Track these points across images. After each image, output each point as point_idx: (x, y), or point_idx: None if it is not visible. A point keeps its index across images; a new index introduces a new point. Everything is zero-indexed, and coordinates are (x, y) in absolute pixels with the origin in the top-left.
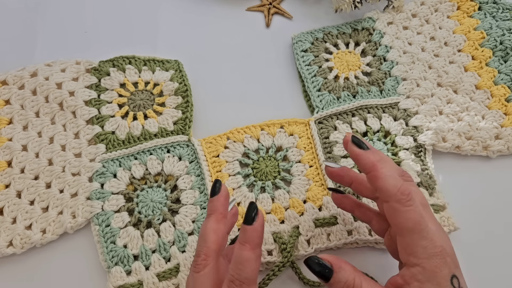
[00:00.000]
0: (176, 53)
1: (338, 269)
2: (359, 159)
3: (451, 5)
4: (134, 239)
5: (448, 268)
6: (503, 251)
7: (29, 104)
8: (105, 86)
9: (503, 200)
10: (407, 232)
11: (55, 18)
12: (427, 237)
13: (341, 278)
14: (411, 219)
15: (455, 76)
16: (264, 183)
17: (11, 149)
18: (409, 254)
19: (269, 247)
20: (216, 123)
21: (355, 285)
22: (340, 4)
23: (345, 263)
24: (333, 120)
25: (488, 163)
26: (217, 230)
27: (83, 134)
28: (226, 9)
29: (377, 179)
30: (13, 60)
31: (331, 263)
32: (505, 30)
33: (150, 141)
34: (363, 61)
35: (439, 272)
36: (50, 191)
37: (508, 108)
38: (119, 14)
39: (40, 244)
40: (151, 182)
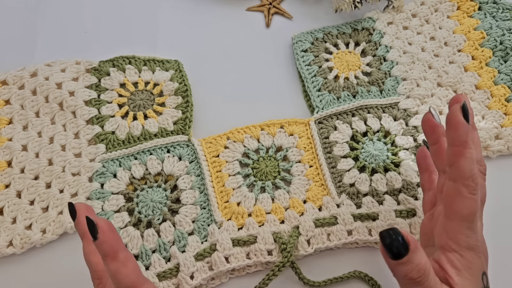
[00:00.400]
0: (176, 53)
1: (415, 249)
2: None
3: (451, 5)
4: (134, 239)
5: (481, 264)
6: (503, 251)
7: (29, 104)
8: (105, 86)
9: (503, 200)
10: (458, 217)
11: (55, 18)
12: (474, 229)
13: (415, 260)
14: (468, 207)
15: (455, 76)
16: (264, 183)
17: (11, 149)
18: (450, 238)
19: (269, 247)
20: (216, 123)
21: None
22: (340, 4)
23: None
24: (333, 120)
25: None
26: (93, 251)
27: (83, 134)
28: (226, 9)
29: (461, 156)
30: (13, 60)
31: (409, 241)
32: (505, 30)
33: (150, 141)
34: (363, 61)
35: (475, 265)
36: (50, 191)
37: (508, 108)
38: (119, 14)
39: (40, 244)
40: (151, 182)
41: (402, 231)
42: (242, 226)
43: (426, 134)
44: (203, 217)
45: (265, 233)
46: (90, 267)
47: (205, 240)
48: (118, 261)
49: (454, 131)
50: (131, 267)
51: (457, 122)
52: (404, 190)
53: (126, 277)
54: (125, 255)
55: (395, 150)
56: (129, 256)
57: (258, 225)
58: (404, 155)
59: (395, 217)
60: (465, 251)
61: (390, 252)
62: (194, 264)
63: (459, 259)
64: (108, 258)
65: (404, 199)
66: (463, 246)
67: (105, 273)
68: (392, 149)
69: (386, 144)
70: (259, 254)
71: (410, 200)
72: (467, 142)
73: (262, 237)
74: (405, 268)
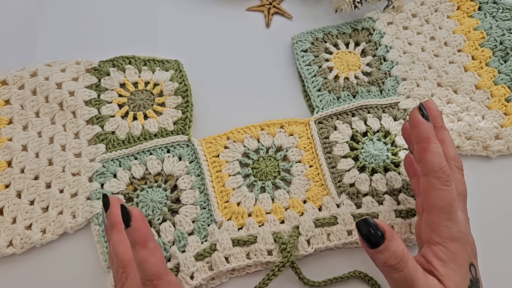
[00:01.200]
0: (176, 53)
1: (391, 237)
2: (418, 126)
3: (451, 5)
4: None
5: (468, 255)
6: (503, 251)
7: (29, 104)
8: (105, 86)
9: (503, 200)
10: (436, 210)
11: (55, 18)
12: (454, 220)
13: (391, 247)
14: (444, 198)
15: (455, 76)
16: (264, 183)
17: (11, 149)
18: (433, 231)
19: (269, 247)
20: (216, 123)
21: (403, 257)
22: (340, 4)
23: (396, 233)
24: (333, 120)
25: (488, 163)
26: (122, 240)
27: (83, 134)
28: (226, 9)
29: (426, 151)
30: (13, 60)
31: (384, 230)
32: (505, 30)
33: (150, 141)
34: (363, 61)
35: (460, 256)
36: (50, 191)
37: (508, 108)
38: (119, 14)
39: (40, 244)
40: (151, 182)
41: (377, 221)
42: (242, 226)
43: (406, 141)
44: (203, 217)
45: (265, 233)
46: (116, 256)
47: (205, 240)
48: (148, 249)
49: (416, 130)
50: (159, 257)
51: (416, 121)
52: (404, 190)
53: (153, 266)
54: (154, 245)
55: (395, 150)
56: (157, 246)
57: (258, 225)
58: (404, 155)
59: (395, 217)
60: (448, 243)
61: (367, 241)
62: (194, 264)
63: (443, 251)
64: (139, 246)
65: (404, 199)
66: (446, 237)
67: (130, 262)
68: (392, 149)
69: (386, 144)
70: (259, 254)
71: (410, 200)
72: (429, 138)
73: (262, 237)
74: (383, 255)
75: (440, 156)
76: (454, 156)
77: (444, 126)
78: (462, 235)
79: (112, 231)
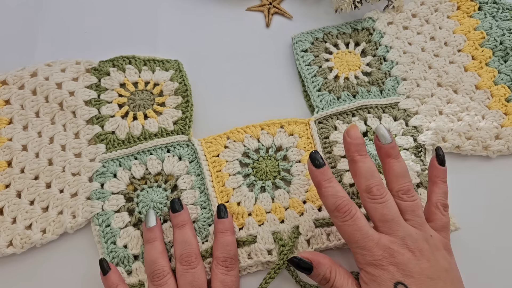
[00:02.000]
0: (176, 53)
1: (317, 265)
2: (310, 176)
3: (451, 5)
4: (134, 239)
5: (390, 275)
6: (503, 250)
7: (29, 104)
8: (105, 86)
9: (503, 200)
10: (347, 242)
11: (55, 18)
12: (365, 248)
13: (320, 272)
14: (345, 232)
15: (455, 76)
16: (264, 183)
17: (11, 149)
18: (355, 259)
19: (269, 246)
20: (216, 123)
21: (330, 277)
22: (340, 4)
23: (323, 257)
24: (333, 120)
25: (488, 163)
26: (195, 235)
27: (83, 134)
28: (226, 9)
29: (321, 196)
30: (13, 60)
31: (310, 260)
32: (505, 30)
33: (150, 141)
34: (363, 61)
35: (379, 277)
36: (50, 191)
37: (508, 108)
38: (119, 14)
39: (40, 244)
40: (151, 182)
41: (303, 255)
42: (242, 226)
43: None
44: (203, 217)
45: (265, 233)
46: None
47: (206, 240)
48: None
49: (311, 177)
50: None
51: (309, 170)
52: None
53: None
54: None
55: None
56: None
57: (258, 224)
58: (404, 155)
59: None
60: (366, 267)
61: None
62: None
63: (365, 274)
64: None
65: None
66: (363, 263)
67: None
68: None
69: None
70: (259, 253)
71: None
72: (320, 183)
73: (261, 237)
74: (317, 279)
75: (333, 197)
76: (365, 188)
77: (355, 158)
78: (378, 258)
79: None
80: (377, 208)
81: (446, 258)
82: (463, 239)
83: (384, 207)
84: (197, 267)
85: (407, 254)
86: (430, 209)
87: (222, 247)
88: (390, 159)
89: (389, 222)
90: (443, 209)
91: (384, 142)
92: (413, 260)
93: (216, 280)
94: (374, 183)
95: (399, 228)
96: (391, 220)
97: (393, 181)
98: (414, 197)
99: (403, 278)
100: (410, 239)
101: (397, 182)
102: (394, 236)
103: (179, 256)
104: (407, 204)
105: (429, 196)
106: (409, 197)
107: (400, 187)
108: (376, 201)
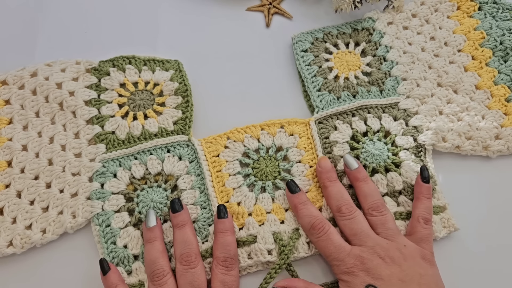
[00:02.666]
0: (176, 53)
1: None
2: (288, 201)
3: (451, 5)
4: (134, 239)
5: (360, 279)
6: (503, 250)
7: (29, 104)
8: (105, 86)
9: (503, 200)
10: (324, 256)
11: (55, 18)
12: (338, 258)
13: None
14: (321, 247)
15: (455, 76)
16: (265, 183)
17: (11, 149)
18: (332, 271)
19: (269, 246)
20: (216, 123)
21: None
22: (340, 4)
23: (297, 282)
24: (333, 120)
25: (488, 163)
26: (195, 235)
27: (83, 134)
28: (226, 9)
29: (297, 217)
30: (13, 60)
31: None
32: (505, 30)
33: (150, 141)
34: (363, 61)
35: (351, 282)
36: (50, 191)
37: (508, 108)
38: (119, 14)
39: (40, 244)
40: (151, 182)
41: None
42: (242, 226)
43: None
44: (203, 217)
45: (265, 233)
46: (191, 245)
47: (206, 240)
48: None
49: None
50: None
51: (287, 196)
52: (405, 192)
53: (236, 249)
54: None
55: (396, 150)
56: None
57: (258, 224)
58: (404, 155)
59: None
60: (341, 276)
61: None
62: None
63: (341, 283)
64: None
65: (404, 201)
66: (338, 273)
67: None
68: (392, 149)
69: (386, 144)
70: (259, 253)
71: (410, 202)
72: (296, 206)
73: (262, 237)
74: None
75: (308, 217)
76: (336, 208)
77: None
78: (350, 266)
79: (185, 226)
80: (347, 224)
81: (422, 266)
82: (463, 239)
83: (352, 222)
84: (197, 267)
85: (376, 260)
86: (412, 223)
87: (222, 247)
88: (359, 182)
89: (358, 235)
90: (423, 223)
91: (351, 168)
92: (382, 265)
93: (216, 280)
94: (343, 203)
95: (369, 239)
96: (360, 232)
97: (363, 201)
98: (383, 212)
99: (373, 281)
100: (380, 248)
101: (367, 201)
102: (365, 246)
103: (179, 256)
104: (377, 219)
105: (413, 211)
106: (378, 212)
107: (370, 205)
108: (346, 218)
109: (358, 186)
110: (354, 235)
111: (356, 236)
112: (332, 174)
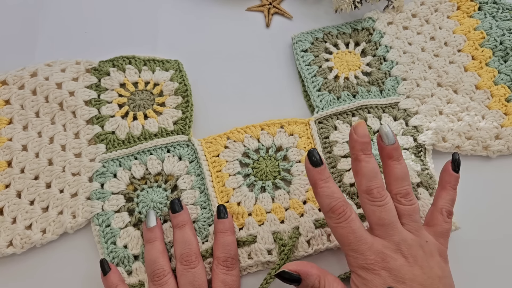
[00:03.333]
0: (176, 53)
1: (306, 276)
2: (307, 174)
3: (451, 5)
4: (134, 239)
5: (382, 280)
6: (503, 250)
7: (29, 104)
8: (105, 86)
9: (504, 200)
10: (340, 244)
11: (55, 18)
12: (358, 251)
13: (309, 283)
14: (339, 234)
15: (455, 76)
16: (264, 183)
17: (11, 149)
18: (347, 261)
19: (269, 246)
20: (216, 123)
21: (319, 287)
22: (340, 4)
23: (311, 267)
24: (333, 120)
25: (488, 163)
26: (195, 235)
27: (83, 134)
28: (226, 9)
29: (316, 195)
30: (13, 60)
31: (298, 272)
32: (505, 30)
33: (150, 141)
34: (363, 61)
35: (370, 281)
36: (50, 191)
37: (508, 108)
38: (119, 14)
39: (40, 244)
40: (151, 182)
41: (290, 268)
42: (242, 226)
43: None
44: (203, 217)
45: (265, 233)
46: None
47: (206, 240)
48: (235, 237)
49: (307, 175)
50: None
51: (306, 169)
52: None
53: (236, 249)
54: None
55: None
56: None
57: (258, 224)
58: (404, 155)
59: None
60: (358, 270)
61: (294, 284)
62: None
63: (356, 277)
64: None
65: None
66: (354, 266)
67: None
68: None
69: None
70: (259, 253)
71: None
72: (316, 183)
73: (262, 237)
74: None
75: (329, 197)
76: (365, 189)
77: (361, 158)
78: (371, 262)
79: (185, 226)
80: (375, 211)
81: (441, 266)
82: (463, 239)
83: (382, 211)
84: (197, 267)
85: (400, 260)
86: (433, 214)
87: (223, 247)
88: (392, 161)
89: (385, 226)
90: (446, 216)
91: (387, 142)
92: (406, 266)
93: (217, 280)
94: (375, 185)
95: (395, 233)
96: (388, 224)
97: (393, 184)
98: (412, 201)
99: (395, 283)
100: (404, 245)
101: (397, 185)
102: (389, 240)
103: (179, 255)
104: (404, 208)
105: (436, 200)
106: (408, 200)
107: (399, 190)
108: (376, 204)
109: (389, 165)
110: (381, 225)
111: (382, 227)
112: (368, 147)
